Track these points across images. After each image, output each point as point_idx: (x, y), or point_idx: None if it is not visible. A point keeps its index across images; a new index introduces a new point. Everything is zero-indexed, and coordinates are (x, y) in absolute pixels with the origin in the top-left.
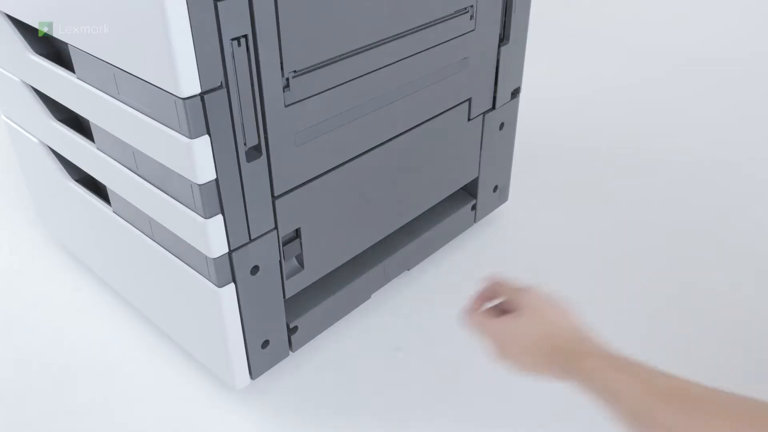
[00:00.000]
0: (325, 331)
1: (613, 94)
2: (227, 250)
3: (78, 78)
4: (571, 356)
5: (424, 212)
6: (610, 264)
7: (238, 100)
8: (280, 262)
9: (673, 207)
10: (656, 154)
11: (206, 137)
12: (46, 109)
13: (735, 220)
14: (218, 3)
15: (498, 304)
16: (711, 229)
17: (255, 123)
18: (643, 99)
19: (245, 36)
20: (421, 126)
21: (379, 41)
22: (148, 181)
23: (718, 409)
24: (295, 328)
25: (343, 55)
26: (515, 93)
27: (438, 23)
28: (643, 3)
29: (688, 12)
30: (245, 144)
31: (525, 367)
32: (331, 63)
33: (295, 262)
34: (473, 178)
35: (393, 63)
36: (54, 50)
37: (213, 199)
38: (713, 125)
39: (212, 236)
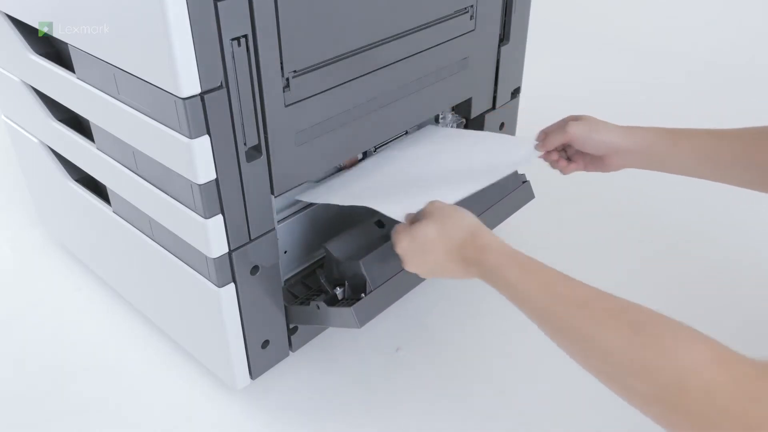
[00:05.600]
0: (326, 331)
1: (614, 94)
2: (227, 250)
3: (78, 78)
4: (472, 251)
5: None
6: (611, 265)
7: (238, 100)
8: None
9: (675, 207)
10: None
11: (206, 137)
12: (46, 109)
13: (736, 220)
14: (218, 3)
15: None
16: (712, 229)
17: (255, 123)
18: (643, 99)
19: (245, 36)
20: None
21: (379, 41)
22: (148, 181)
23: (605, 313)
24: (295, 329)
25: (343, 55)
26: (515, 93)
27: (438, 23)
28: (644, 3)
29: (688, 13)
30: (245, 144)
31: (432, 269)
32: (331, 63)
33: None
34: None
35: (393, 63)
36: (54, 50)
37: (213, 199)
38: (714, 125)
39: (212, 236)
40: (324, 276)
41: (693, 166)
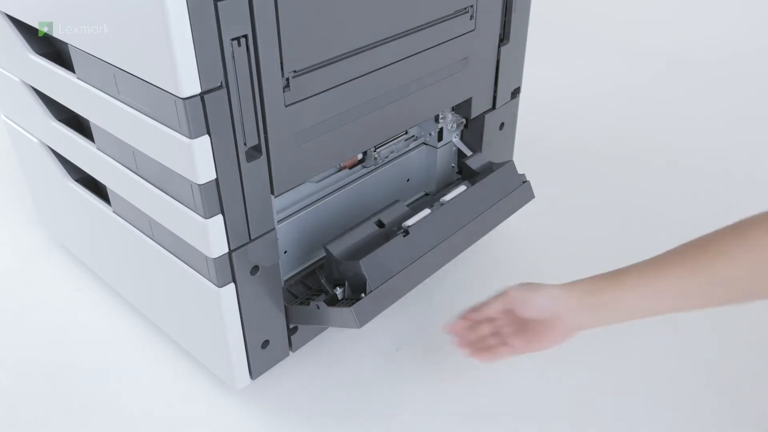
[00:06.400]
0: (325, 331)
1: (614, 94)
2: (227, 250)
3: (78, 78)
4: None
5: None
6: (611, 265)
7: (238, 100)
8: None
9: (674, 206)
10: (657, 153)
11: (206, 137)
12: (46, 109)
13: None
14: (218, 3)
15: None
16: (712, 228)
17: (255, 123)
18: (644, 99)
19: (245, 36)
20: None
21: (379, 41)
22: (148, 181)
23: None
24: (295, 329)
25: (343, 55)
26: (515, 93)
27: (438, 23)
28: (643, 3)
29: (687, 12)
30: (245, 144)
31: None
32: (331, 63)
33: None
34: None
35: (393, 63)
36: (54, 50)
37: (213, 199)
38: (714, 124)
39: (212, 236)
40: (324, 276)
41: None
